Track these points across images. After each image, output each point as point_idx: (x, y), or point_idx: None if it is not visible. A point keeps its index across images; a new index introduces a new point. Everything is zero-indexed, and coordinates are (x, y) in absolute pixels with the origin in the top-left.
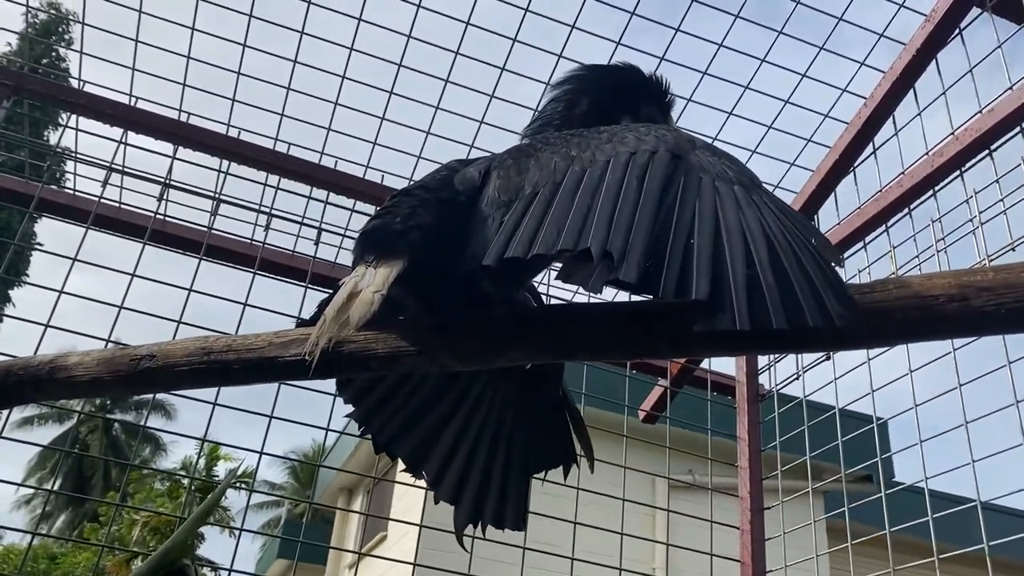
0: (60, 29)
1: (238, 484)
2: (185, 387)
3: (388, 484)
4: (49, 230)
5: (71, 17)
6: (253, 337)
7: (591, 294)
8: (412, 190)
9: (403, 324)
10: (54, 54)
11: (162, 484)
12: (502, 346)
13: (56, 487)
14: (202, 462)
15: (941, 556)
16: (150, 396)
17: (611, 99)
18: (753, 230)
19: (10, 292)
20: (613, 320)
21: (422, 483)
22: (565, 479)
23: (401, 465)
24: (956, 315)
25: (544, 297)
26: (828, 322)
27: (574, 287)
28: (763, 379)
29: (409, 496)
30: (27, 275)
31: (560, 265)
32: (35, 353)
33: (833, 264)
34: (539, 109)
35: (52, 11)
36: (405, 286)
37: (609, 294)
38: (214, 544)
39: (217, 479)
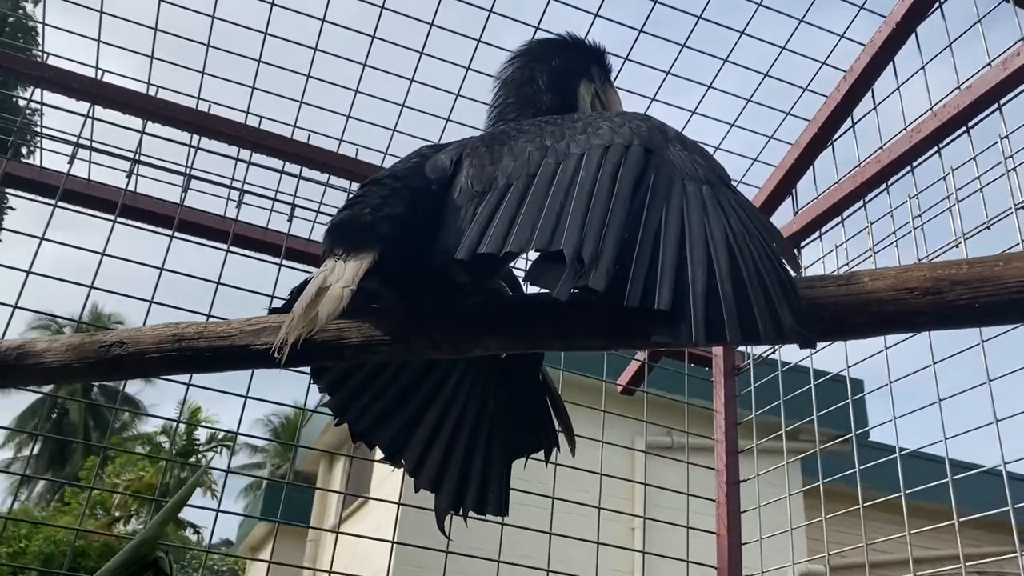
0: None
1: (218, 448)
2: (156, 374)
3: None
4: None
5: None
6: (224, 324)
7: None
8: (382, 179)
9: (377, 313)
10: (21, 11)
11: (143, 448)
12: (477, 334)
13: (35, 452)
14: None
15: (914, 532)
16: None
17: (565, 68)
18: (716, 238)
19: None
20: (590, 309)
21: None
22: (547, 464)
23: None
24: (930, 308)
25: (523, 284)
26: (780, 336)
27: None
28: (741, 349)
29: None
30: (0, 240)
31: (531, 264)
32: (3, 335)
33: (791, 272)
34: (503, 81)
35: None
36: (377, 278)
37: None
38: (197, 504)
39: (197, 442)
